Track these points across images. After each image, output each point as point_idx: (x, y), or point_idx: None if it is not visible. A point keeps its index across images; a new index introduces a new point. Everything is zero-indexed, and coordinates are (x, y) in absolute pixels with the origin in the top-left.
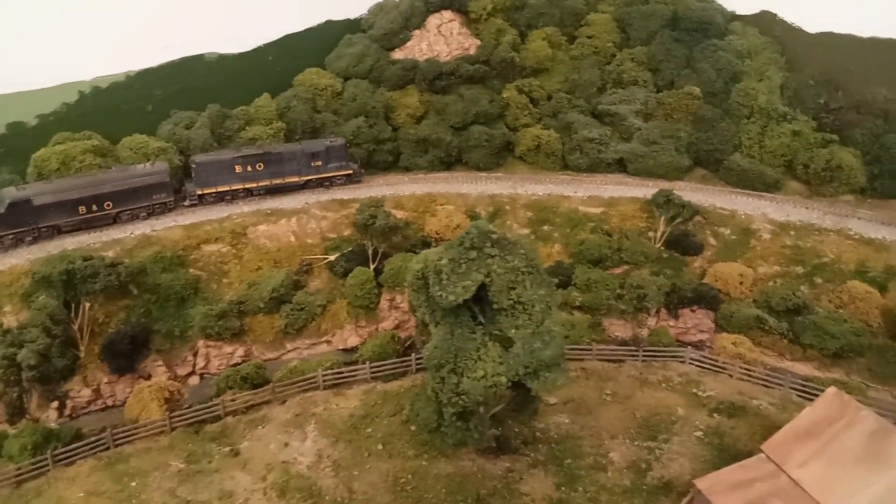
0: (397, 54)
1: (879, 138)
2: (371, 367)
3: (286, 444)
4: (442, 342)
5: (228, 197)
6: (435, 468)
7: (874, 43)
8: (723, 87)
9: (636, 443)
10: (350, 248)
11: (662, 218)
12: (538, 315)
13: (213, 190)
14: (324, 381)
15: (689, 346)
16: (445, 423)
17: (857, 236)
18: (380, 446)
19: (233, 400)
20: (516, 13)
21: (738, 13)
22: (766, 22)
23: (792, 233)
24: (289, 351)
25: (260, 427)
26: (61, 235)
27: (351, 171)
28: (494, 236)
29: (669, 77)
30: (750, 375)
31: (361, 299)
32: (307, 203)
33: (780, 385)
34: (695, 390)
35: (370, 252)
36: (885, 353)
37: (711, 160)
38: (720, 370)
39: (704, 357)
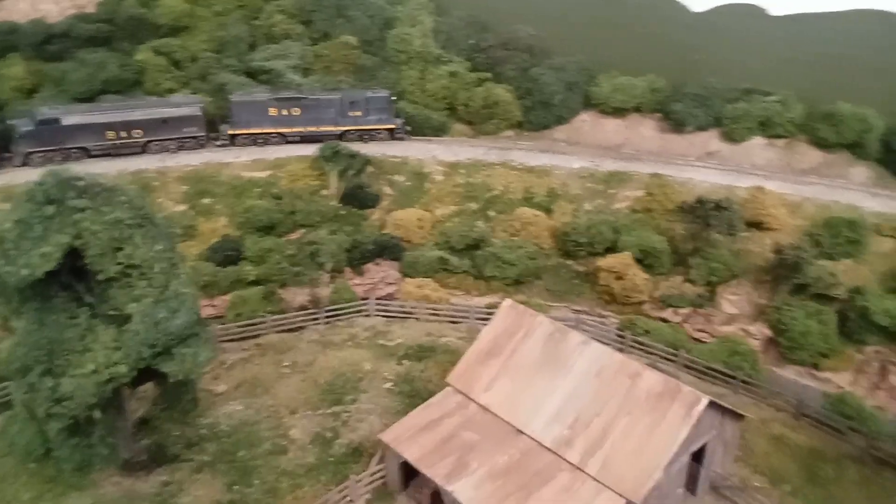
0: None
1: (527, 72)
2: None
3: None
4: (26, 336)
5: (261, 140)
6: None
7: None
8: (378, 34)
9: (320, 412)
10: None
11: (333, 172)
12: (160, 277)
13: (246, 131)
14: None
15: (375, 299)
16: (54, 444)
17: (520, 166)
18: None
19: None
20: None
21: None
22: None
23: (462, 171)
24: None
25: None
26: (91, 159)
27: (394, 126)
28: (81, 183)
29: (323, 28)
30: (437, 315)
31: None
32: None
33: (466, 318)
34: (382, 341)
35: None
36: (559, 272)
37: None
38: (407, 315)
39: (390, 305)
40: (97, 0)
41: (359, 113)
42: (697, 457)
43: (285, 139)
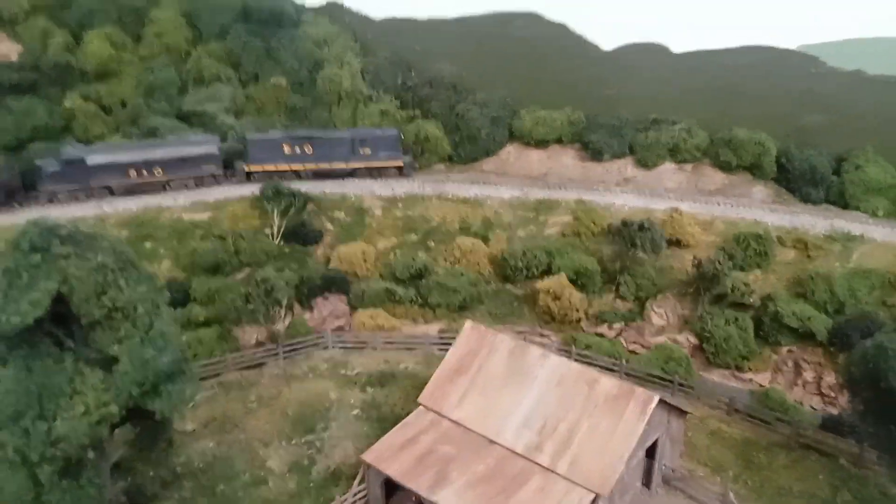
0: None
1: (453, 108)
2: None
3: None
4: (15, 384)
5: (276, 177)
6: None
7: (430, 24)
8: (307, 75)
9: (294, 442)
10: None
11: (275, 211)
12: (144, 318)
13: (261, 168)
14: None
15: (331, 331)
16: (45, 488)
17: (454, 198)
18: None
19: None
20: (63, 12)
21: (307, 5)
22: (334, 11)
23: (400, 205)
24: None
25: None
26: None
27: (402, 164)
28: (64, 231)
29: (253, 70)
30: (392, 343)
31: None
32: None
33: (422, 344)
34: (343, 371)
35: None
36: (499, 295)
37: None
38: (363, 345)
39: (346, 336)
40: (19, 49)
41: (368, 151)
42: (650, 453)
43: (298, 175)
